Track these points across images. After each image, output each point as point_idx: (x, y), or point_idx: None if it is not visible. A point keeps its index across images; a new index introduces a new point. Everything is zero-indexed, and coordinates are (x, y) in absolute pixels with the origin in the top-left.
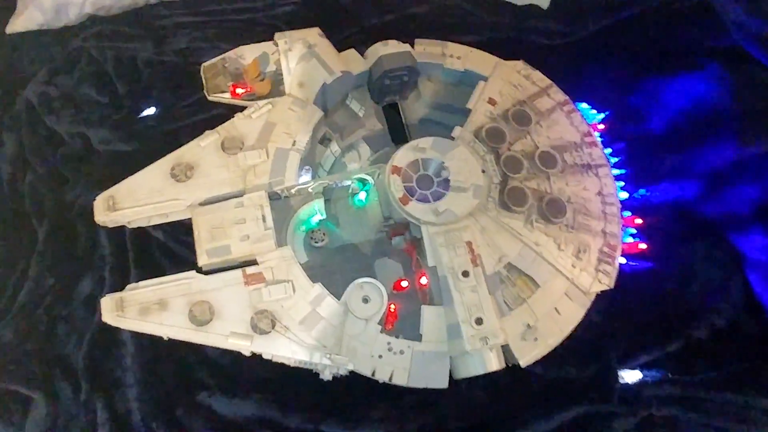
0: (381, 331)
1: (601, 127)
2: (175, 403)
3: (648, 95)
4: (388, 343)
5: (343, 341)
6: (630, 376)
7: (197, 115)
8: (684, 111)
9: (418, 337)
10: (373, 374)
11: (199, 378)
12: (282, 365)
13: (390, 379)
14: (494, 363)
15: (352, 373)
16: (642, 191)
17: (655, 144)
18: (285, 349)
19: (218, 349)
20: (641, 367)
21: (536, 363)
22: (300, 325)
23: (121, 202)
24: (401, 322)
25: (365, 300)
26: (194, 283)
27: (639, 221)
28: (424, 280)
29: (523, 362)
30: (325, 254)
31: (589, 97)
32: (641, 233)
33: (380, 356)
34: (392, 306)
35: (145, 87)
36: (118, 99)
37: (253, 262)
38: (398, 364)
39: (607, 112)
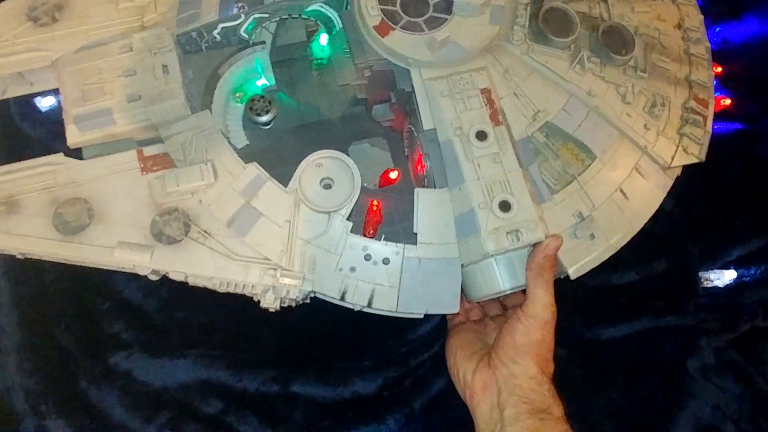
0: (351, 231)
1: None
2: (76, 371)
3: None
4: (365, 248)
5: (295, 248)
6: (721, 276)
7: None
8: None
9: (412, 238)
10: (342, 297)
11: (112, 332)
12: (229, 304)
13: (369, 303)
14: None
15: (314, 299)
16: (717, 29)
17: None
18: (205, 264)
19: (140, 289)
20: (735, 265)
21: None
22: (228, 227)
23: None
24: (388, 227)
25: (327, 185)
26: (62, 170)
27: (718, 69)
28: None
29: (574, 271)
30: (274, 137)
31: None
32: (722, 85)
33: (353, 269)
34: (374, 203)
35: None
36: None
37: (154, 140)
38: (381, 280)
39: None
